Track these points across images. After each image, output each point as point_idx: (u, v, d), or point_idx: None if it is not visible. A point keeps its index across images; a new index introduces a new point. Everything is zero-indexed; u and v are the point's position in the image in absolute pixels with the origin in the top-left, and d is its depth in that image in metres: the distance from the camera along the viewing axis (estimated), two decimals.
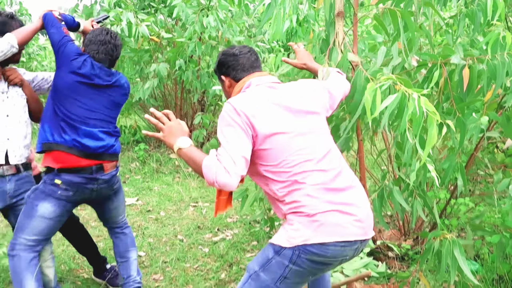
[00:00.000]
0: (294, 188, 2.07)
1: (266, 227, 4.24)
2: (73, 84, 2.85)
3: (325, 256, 2.04)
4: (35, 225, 2.86)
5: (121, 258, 3.27)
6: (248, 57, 2.33)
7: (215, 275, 3.72)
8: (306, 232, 2.01)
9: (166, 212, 4.96)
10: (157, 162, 6.21)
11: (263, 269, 2.10)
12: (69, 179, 2.86)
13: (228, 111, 2.10)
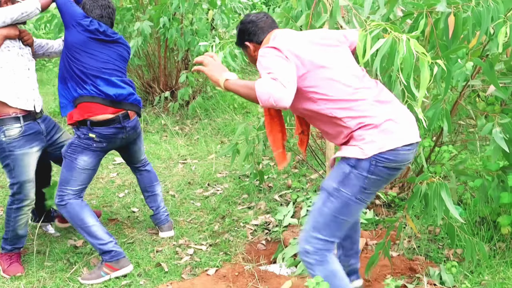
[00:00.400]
0: (354, 105, 2.25)
1: (255, 181, 4.34)
2: (85, 40, 3.16)
3: (396, 161, 2.23)
4: (77, 176, 3.25)
5: (147, 192, 3.73)
6: (265, 20, 2.50)
7: (209, 227, 3.83)
8: (379, 141, 2.20)
9: (156, 169, 5.01)
10: (144, 122, 6.23)
11: (342, 184, 2.26)
12: (101, 132, 3.22)
13: (269, 51, 2.25)
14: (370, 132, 2.23)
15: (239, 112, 6.55)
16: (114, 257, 3.19)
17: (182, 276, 3.19)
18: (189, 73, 6.01)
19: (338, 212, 2.29)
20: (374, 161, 2.20)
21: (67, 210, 3.25)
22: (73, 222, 3.26)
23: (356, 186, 2.24)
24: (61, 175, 3.28)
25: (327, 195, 2.31)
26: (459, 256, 3.22)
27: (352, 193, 2.25)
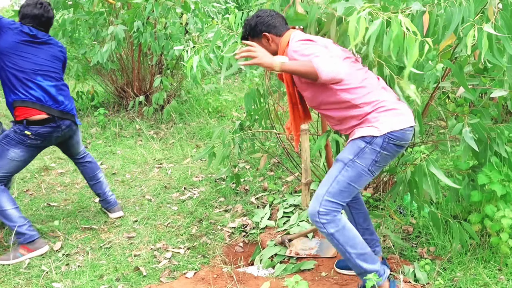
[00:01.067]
0: (367, 92, 2.60)
1: (232, 184, 4.37)
2: (16, 44, 3.39)
3: (403, 139, 2.59)
4: (4, 165, 3.47)
5: (92, 181, 4.02)
6: (280, 16, 2.81)
7: (186, 230, 3.84)
8: (391, 121, 2.55)
9: (132, 174, 5.01)
10: (118, 126, 6.21)
11: (357, 157, 2.58)
12: (37, 131, 3.47)
13: (305, 42, 2.58)
14: (384, 114, 2.57)
15: (213, 116, 6.57)
16: (28, 239, 3.47)
17: (160, 279, 3.20)
18: (163, 77, 6.02)
19: (352, 180, 2.61)
20: (387, 138, 2.55)
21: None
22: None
23: (370, 159, 2.58)
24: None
25: (343, 165, 2.61)
26: (432, 254, 3.30)
27: (365, 164, 2.59)
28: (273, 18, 2.77)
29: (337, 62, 2.43)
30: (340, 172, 2.61)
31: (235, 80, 8.72)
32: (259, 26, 2.76)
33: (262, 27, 2.75)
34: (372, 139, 2.56)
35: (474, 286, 2.94)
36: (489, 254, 3.18)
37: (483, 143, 3.04)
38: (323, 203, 2.59)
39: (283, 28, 2.77)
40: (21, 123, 3.45)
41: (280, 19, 2.79)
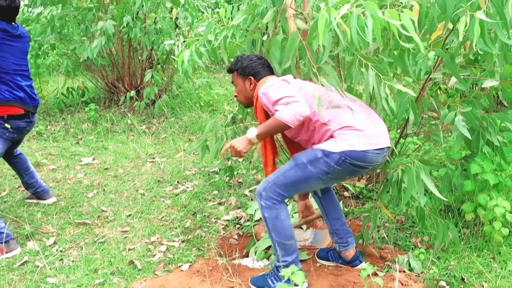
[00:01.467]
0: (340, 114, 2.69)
1: (225, 177, 4.37)
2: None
3: (364, 161, 2.62)
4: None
5: (25, 171, 4.13)
6: (269, 65, 3.03)
7: (180, 223, 3.84)
8: (352, 141, 2.60)
9: (124, 169, 5.00)
10: (109, 122, 6.18)
11: (310, 163, 2.67)
12: (17, 124, 3.65)
13: (270, 85, 2.76)
14: (348, 133, 2.63)
15: (205, 110, 6.57)
16: (2, 239, 3.45)
17: (155, 273, 3.20)
18: (154, 72, 5.99)
19: (298, 180, 2.72)
20: (343, 156, 2.60)
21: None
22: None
23: (321, 169, 2.66)
24: None
25: (294, 165, 2.73)
26: (426, 244, 3.32)
27: (316, 172, 2.67)
28: (263, 67, 2.99)
29: (297, 105, 2.55)
30: (289, 170, 2.74)
31: (226, 74, 8.70)
32: (249, 69, 2.98)
33: (251, 70, 2.98)
34: (330, 154, 2.62)
35: (468, 275, 2.97)
36: (482, 243, 3.21)
37: (475, 132, 3.06)
38: (267, 188, 2.76)
39: (265, 75, 2.98)
40: (1, 118, 3.57)
41: (268, 68, 3.01)
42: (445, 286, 2.88)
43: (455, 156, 3.36)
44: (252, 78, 2.98)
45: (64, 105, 6.64)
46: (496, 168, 3.20)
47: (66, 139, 5.86)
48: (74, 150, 5.52)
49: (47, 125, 6.17)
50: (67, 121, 6.25)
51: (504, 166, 3.21)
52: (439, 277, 2.93)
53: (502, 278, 2.92)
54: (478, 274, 2.98)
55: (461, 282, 2.91)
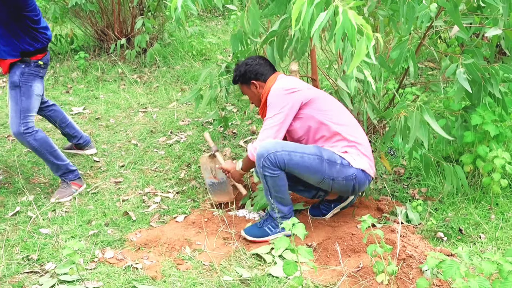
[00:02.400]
0: None
1: (220, 127, 4.30)
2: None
3: (361, 187, 2.89)
4: (35, 104, 3.47)
5: (63, 123, 3.98)
6: (267, 63, 3.08)
7: (175, 174, 3.78)
8: (367, 164, 2.84)
9: (116, 119, 4.90)
10: (100, 70, 6.02)
11: (329, 162, 2.76)
12: (47, 58, 3.52)
13: (276, 95, 2.89)
14: (361, 154, 2.87)
15: (197, 59, 6.42)
16: (77, 175, 3.57)
17: (150, 224, 3.16)
18: (145, 19, 5.81)
19: (309, 168, 2.79)
20: (355, 175, 2.83)
21: (36, 137, 3.43)
22: (42, 148, 3.46)
23: (332, 173, 2.81)
24: (21, 104, 3.38)
25: (315, 154, 2.79)
26: (424, 195, 3.30)
27: (327, 172, 2.80)
28: (261, 66, 3.04)
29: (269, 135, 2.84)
30: (309, 155, 2.77)
31: (219, 23, 8.50)
32: (248, 74, 3.04)
33: (250, 75, 3.04)
34: (347, 166, 2.81)
35: (466, 226, 2.96)
36: (480, 194, 3.19)
37: (477, 84, 2.98)
38: (279, 155, 2.74)
39: (269, 74, 3.03)
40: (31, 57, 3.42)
41: (267, 66, 3.06)
42: (442, 237, 2.87)
43: (454, 107, 3.30)
44: (254, 81, 3.03)
45: (53, 52, 6.45)
46: (497, 119, 3.15)
47: (56, 88, 5.72)
48: (64, 99, 5.39)
49: None
50: (56, 70, 6.09)
51: (505, 117, 3.15)
52: (436, 229, 2.92)
53: (500, 229, 2.91)
54: (475, 226, 2.96)
55: (459, 233, 2.91)
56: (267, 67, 3.06)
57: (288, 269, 2.14)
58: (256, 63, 3.05)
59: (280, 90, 2.87)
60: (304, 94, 2.87)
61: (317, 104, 2.88)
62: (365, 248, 2.70)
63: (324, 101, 2.92)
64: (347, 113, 2.99)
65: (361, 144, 2.85)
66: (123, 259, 2.82)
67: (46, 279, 2.64)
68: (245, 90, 3.14)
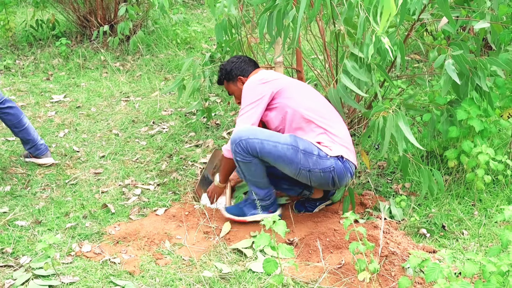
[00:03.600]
0: None
1: (203, 118, 4.23)
2: None
3: (342, 178, 2.80)
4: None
5: (16, 128, 3.59)
6: (252, 60, 3.17)
7: (156, 166, 3.71)
8: (347, 152, 2.81)
9: (97, 107, 4.80)
10: (82, 58, 5.90)
11: (304, 152, 2.71)
12: None
13: (249, 86, 2.94)
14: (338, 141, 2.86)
15: (182, 47, 6.32)
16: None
17: (130, 217, 3.10)
18: (129, 6, 5.69)
19: (283, 158, 2.77)
20: (333, 166, 2.78)
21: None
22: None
23: (308, 164, 2.76)
24: None
25: (290, 144, 2.76)
26: (407, 190, 3.27)
27: (302, 163, 2.77)
28: (245, 63, 3.13)
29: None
30: (283, 145, 2.74)
31: (204, 11, 8.38)
32: (234, 71, 3.12)
33: (237, 71, 3.11)
34: (325, 157, 2.75)
35: (449, 222, 2.93)
36: (464, 190, 3.17)
37: (464, 76, 2.95)
38: (251, 142, 2.73)
39: (252, 69, 3.12)
40: None
41: (252, 63, 3.16)
42: (425, 233, 2.84)
43: (440, 101, 3.26)
44: (241, 77, 3.10)
45: (34, 38, 6.30)
46: (482, 114, 3.12)
47: (36, 74, 5.59)
48: (44, 86, 5.28)
49: (15, 59, 5.87)
50: (36, 56, 5.96)
51: (490, 112, 3.12)
52: (420, 225, 2.89)
53: (483, 226, 2.89)
54: (458, 222, 2.94)
55: (442, 229, 2.88)
56: (252, 63, 3.15)
57: (268, 266, 2.09)
58: (241, 61, 3.14)
59: (253, 82, 2.92)
60: (276, 83, 2.90)
61: (289, 92, 2.89)
62: (347, 244, 2.66)
63: (297, 89, 2.93)
64: (322, 100, 2.97)
65: (337, 133, 2.82)
66: (100, 253, 2.75)
67: (20, 274, 2.57)
68: (231, 88, 3.18)
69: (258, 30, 3.02)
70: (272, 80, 2.91)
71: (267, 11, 2.93)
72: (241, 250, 2.75)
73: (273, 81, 2.91)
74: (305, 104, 2.85)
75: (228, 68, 3.14)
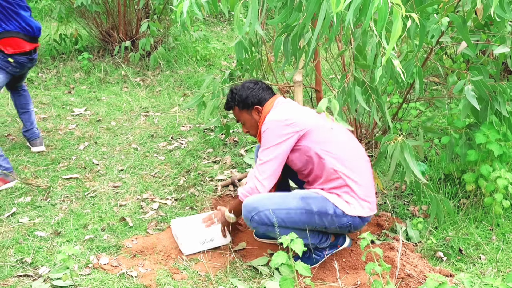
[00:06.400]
0: None
1: (221, 135, 4.27)
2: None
3: (356, 228, 2.68)
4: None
5: (23, 109, 4.20)
6: (268, 87, 2.91)
7: (174, 181, 3.75)
8: (363, 206, 2.63)
9: (117, 121, 4.87)
10: (103, 72, 6.00)
11: (319, 214, 2.59)
12: (18, 59, 3.79)
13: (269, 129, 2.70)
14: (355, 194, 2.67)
15: (201, 64, 6.40)
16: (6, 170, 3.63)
17: (147, 231, 3.13)
18: (150, 22, 5.79)
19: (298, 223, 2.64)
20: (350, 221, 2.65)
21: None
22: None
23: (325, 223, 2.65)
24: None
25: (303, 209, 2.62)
26: (424, 212, 3.26)
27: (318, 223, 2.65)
28: (263, 90, 2.86)
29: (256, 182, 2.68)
30: (295, 210, 2.60)
31: (224, 28, 8.48)
32: (251, 98, 2.84)
33: (254, 100, 2.84)
34: (341, 215, 2.60)
35: (466, 246, 2.92)
36: (482, 214, 3.16)
37: (483, 101, 2.95)
38: (263, 214, 2.59)
39: (269, 97, 2.86)
40: (2, 52, 3.71)
41: (269, 90, 2.90)
42: (442, 257, 2.83)
43: (459, 124, 3.26)
44: (258, 107, 2.83)
45: (57, 52, 6.43)
46: (501, 138, 3.11)
47: (58, 87, 5.70)
48: (65, 99, 5.37)
49: (38, 72, 5.98)
50: (59, 69, 6.07)
51: (509, 137, 3.12)
52: (436, 248, 2.88)
53: (501, 251, 2.87)
54: (476, 246, 2.93)
55: (459, 253, 2.87)
56: (269, 90, 2.90)
57: (285, 285, 2.10)
58: (259, 87, 2.87)
59: (275, 122, 2.69)
60: (302, 124, 2.67)
61: (315, 135, 2.68)
62: (363, 265, 2.67)
63: (323, 132, 2.70)
64: (349, 144, 2.75)
65: (360, 186, 2.63)
66: (118, 266, 2.78)
67: (39, 284, 2.61)
68: (244, 116, 2.90)
69: (274, 52, 3.06)
70: (297, 122, 2.67)
71: (284, 34, 2.98)
72: (256, 268, 2.76)
73: (298, 123, 2.67)
74: (330, 151, 2.65)
75: (243, 95, 2.85)
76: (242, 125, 2.98)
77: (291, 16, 2.71)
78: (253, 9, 2.56)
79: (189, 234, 2.91)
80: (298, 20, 2.87)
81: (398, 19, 2.09)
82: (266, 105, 2.82)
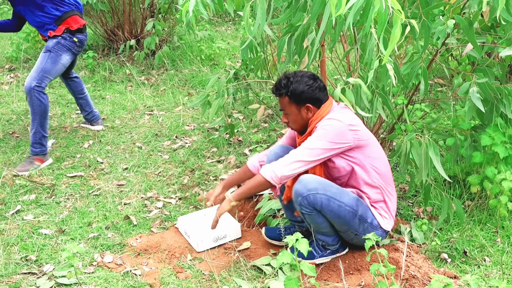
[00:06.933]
0: None
1: (225, 134, 4.27)
2: None
3: None
4: (57, 71, 3.97)
5: (80, 94, 4.49)
6: (321, 84, 2.69)
7: (178, 180, 3.75)
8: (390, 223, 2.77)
9: (122, 120, 4.88)
10: (108, 70, 6.01)
11: (361, 218, 2.64)
12: (81, 38, 4.05)
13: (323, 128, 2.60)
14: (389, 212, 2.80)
15: (206, 63, 6.40)
16: (43, 152, 3.88)
17: (151, 229, 3.13)
18: (155, 21, 5.80)
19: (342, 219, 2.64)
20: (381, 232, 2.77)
21: (40, 98, 3.82)
22: (39, 110, 3.83)
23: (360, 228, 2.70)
24: (45, 65, 3.86)
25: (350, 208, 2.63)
26: (429, 214, 3.26)
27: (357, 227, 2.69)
28: (321, 91, 2.67)
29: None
30: (345, 206, 2.61)
31: (229, 28, 8.48)
32: (306, 94, 2.65)
33: (309, 98, 2.65)
34: (377, 227, 2.72)
35: (470, 248, 2.91)
36: (486, 216, 3.15)
37: (489, 104, 2.95)
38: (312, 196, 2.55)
39: (324, 100, 2.69)
40: (70, 32, 3.94)
41: (325, 91, 2.71)
42: (446, 258, 2.82)
43: (464, 126, 3.26)
44: (310, 106, 2.66)
45: None
46: (507, 140, 3.11)
47: (63, 86, 5.70)
48: (70, 98, 5.37)
49: None
50: None
51: None
52: (441, 249, 2.88)
53: (505, 253, 2.86)
54: (480, 248, 2.92)
55: (463, 255, 2.86)
56: (326, 92, 2.72)
57: (290, 285, 2.10)
58: (317, 86, 2.66)
59: (340, 123, 2.57)
60: (362, 135, 2.62)
61: (369, 151, 2.64)
62: (368, 266, 2.66)
63: (376, 148, 2.71)
64: (386, 157, 2.78)
65: (393, 203, 2.76)
66: (122, 264, 2.78)
67: (43, 281, 2.61)
68: (291, 109, 2.70)
69: (277, 52, 3.06)
70: (361, 131, 2.62)
71: (288, 34, 2.98)
72: (260, 267, 2.76)
73: (360, 132, 2.61)
74: (377, 167, 2.67)
75: (299, 89, 2.64)
76: (284, 115, 2.77)
77: (295, 16, 2.71)
78: (262, 10, 2.56)
79: (201, 233, 2.91)
80: (302, 20, 2.88)
81: (398, 24, 2.09)
82: (324, 106, 2.68)
